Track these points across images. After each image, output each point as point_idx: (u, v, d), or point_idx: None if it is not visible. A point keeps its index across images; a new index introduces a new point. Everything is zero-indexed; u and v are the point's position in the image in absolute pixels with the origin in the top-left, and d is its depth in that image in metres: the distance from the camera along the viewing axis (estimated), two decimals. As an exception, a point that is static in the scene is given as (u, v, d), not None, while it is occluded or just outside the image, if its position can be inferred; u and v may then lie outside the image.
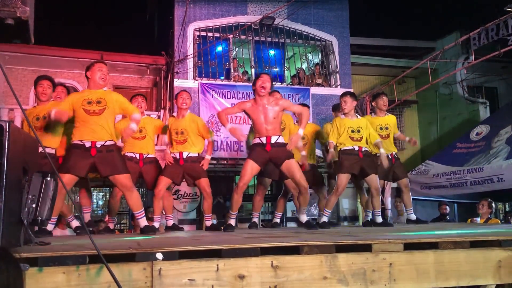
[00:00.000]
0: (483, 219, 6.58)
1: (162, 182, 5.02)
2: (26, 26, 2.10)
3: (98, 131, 4.15)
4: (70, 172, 4.06)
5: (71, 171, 4.06)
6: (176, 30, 11.24)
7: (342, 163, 5.32)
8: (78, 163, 4.09)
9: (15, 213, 2.49)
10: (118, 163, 4.20)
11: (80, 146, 4.11)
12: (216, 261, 2.40)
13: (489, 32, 9.86)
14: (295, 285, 2.49)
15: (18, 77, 11.52)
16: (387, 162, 5.43)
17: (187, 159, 5.10)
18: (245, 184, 4.64)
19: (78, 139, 4.14)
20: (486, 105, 12.77)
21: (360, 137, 5.37)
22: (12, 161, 2.37)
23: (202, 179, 5.13)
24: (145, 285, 2.28)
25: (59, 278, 2.18)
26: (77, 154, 4.09)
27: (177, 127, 5.18)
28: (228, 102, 11.06)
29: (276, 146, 4.60)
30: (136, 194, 4.28)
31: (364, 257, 2.64)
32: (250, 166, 4.61)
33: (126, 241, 3.43)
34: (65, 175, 3.99)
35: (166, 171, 5.08)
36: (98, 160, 4.12)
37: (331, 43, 12.29)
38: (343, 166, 5.29)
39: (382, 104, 5.97)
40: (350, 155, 5.31)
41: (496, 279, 2.85)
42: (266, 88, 4.64)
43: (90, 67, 4.31)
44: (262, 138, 4.63)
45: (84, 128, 4.15)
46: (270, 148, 4.58)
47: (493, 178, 7.86)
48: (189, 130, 5.15)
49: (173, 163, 5.08)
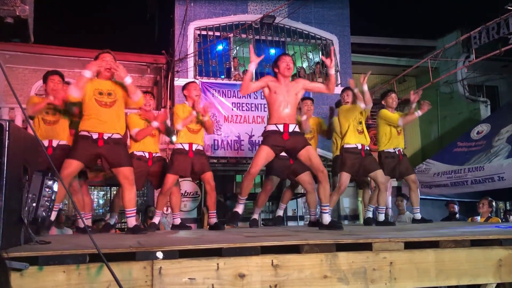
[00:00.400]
0: (484, 218, 6.58)
1: (169, 180, 4.94)
2: (26, 25, 2.10)
3: (108, 123, 4.19)
4: (76, 158, 4.10)
5: (77, 157, 4.10)
6: (176, 29, 11.24)
7: (345, 161, 5.31)
8: (84, 151, 4.13)
9: (15, 212, 2.48)
10: (123, 155, 4.24)
11: (87, 137, 4.14)
12: (217, 260, 2.40)
13: (490, 31, 9.85)
14: (296, 284, 2.49)
15: (18, 76, 11.53)
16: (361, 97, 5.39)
17: (196, 151, 5.05)
18: (257, 171, 4.39)
19: (86, 130, 4.17)
20: (487, 104, 12.76)
21: (362, 129, 5.43)
22: (12, 160, 2.36)
23: (208, 173, 5.07)
24: (145, 284, 2.28)
25: (59, 277, 2.18)
26: (85, 144, 4.14)
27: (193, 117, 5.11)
28: (229, 101, 11.06)
29: (293, 135, 4.35)
30: (134, 191, 4.26)
31: (364, 256, 2.64)
32: (266, 152, 4.35)
33: (126, 240, 3.43)
34: (72, 161, 4.06)
35: (173, 168, 4.96)
36: (104, 152, 4.15)
37: (331, 42, 12.29)
38: (346, 165, 5.28)
39: (391, 101, 5.93)
40: (353, 154, 5.31)
41: (496, 278, 2.85)
42: (291, 68, 4.44)
43: (95, 58, 4.33)
44: (280, 126, 4.34)
45: (93, 119, 4.18)
46: (288, 137, 4.31)
47: (494, 177, 7.85)
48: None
49: (181, 156, 5.01)
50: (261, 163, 4.38)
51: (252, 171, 4.37)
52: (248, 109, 11.27)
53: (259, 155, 4.35)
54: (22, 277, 2.12)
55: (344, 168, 5.28)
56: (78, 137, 4.24)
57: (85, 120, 4.21)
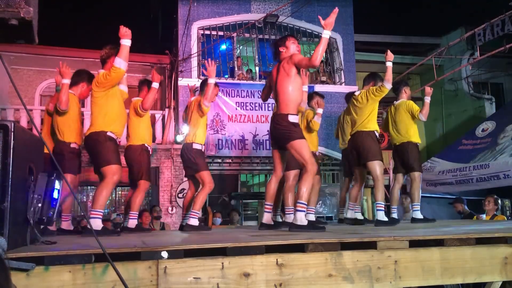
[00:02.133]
0: (489, 215, 6.54)
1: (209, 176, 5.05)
2: (30, 27, 2.11)
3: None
4: (120, 163, 4.17)
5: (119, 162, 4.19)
6: (180, 29, 11.26)
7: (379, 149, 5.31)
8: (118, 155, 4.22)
9: (21, 213, 2.50)
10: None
11: (114, 140, 4.23)
12: (221, 259, 2.40)
13: (494, 28, 9.81)
14: (300, 282, 2.49)
15: (23, 78, 11.58)
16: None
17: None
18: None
19: (113, 132, 4.21)
20: (491, 101, 12.71)
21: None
22: (18, 160, 2.38)
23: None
24: (151, 283, 2.28)
25: (65, 277, 2.19)
26: (115, 146, 4.22)
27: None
28: (233, 100, 11.07)
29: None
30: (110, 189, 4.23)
31: (369, 255, 2.64)
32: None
33: (131, 240, 3.44)
34: (118, 165, 4.13)
35: (205, 165, 5.08)
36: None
37: (335, 40, 12.27)
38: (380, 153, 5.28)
39: (410, 93, 6.07)
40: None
41: (502, 275, 2.84)
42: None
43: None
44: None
45: (119, 122, 4.29)
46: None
47: (499, 175, 7.81)
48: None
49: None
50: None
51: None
52: (252, 109, 11.27)
53: (309, 150, 4.09)
54: (28, 277, 2.13)
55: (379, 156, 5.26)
56: (107, 138, 4.19)
57: (112, 122, 4.27)
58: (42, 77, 11.81)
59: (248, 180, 12.70)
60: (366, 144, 5.20)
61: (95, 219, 4.00)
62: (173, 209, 10.61)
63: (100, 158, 4.12)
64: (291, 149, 4.04)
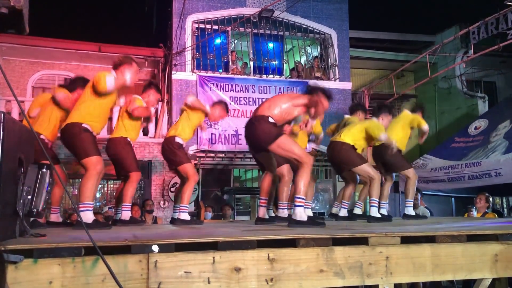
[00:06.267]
0: (480, 213, 6.59)
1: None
2: (21, 16, 2.07)
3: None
4: (99, 154, 4.10)
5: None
6: (174, 22, 11.19)
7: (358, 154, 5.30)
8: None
9: (10, 205, 2.47)
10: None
11: (90, 131, 4.11)
12: (212, 254, 2.39)
13: (489, 26, 9.83)
14: (292, 278, 2.49)
15: (15, 69, 11.47)
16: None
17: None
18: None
19: (89, 126, 4.12)
20: (484, 99, 12.78)
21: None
22: (7, 152, 2.35)
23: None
24: (141, 277, 2.27)
25: (54, 270, 2.17)
26: (92, 138, 4.14)
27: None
28: (227, 95, 11.03)
29: None
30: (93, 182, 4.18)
31: (360, 250, 2.64)
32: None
33: (122, 233, 3.42)
34: (97, 156, 4.04)
35: (187, 157, 5.11)
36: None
37: (330, 36, 12.26)
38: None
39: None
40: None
41: (492, 272, 2.85)
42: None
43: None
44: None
45: (98, 119, 4.23)
46: None
47: (491, 173, 7.87)
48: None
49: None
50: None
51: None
52: (246, 103, 11.25)
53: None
54: (17, 270, 2.11)
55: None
56: (83, 130, 4.11)
57: (90, 117, 4.22)
58: (35, 69, 11.70)
59: (241, 175, 12.69)
60: (342, 155, 5.13)
61: (86, 212, 3.93)
62: (165, 203, 10.59)
63: (77, 151, 4.01)
64: (277, 149, 3.93)
